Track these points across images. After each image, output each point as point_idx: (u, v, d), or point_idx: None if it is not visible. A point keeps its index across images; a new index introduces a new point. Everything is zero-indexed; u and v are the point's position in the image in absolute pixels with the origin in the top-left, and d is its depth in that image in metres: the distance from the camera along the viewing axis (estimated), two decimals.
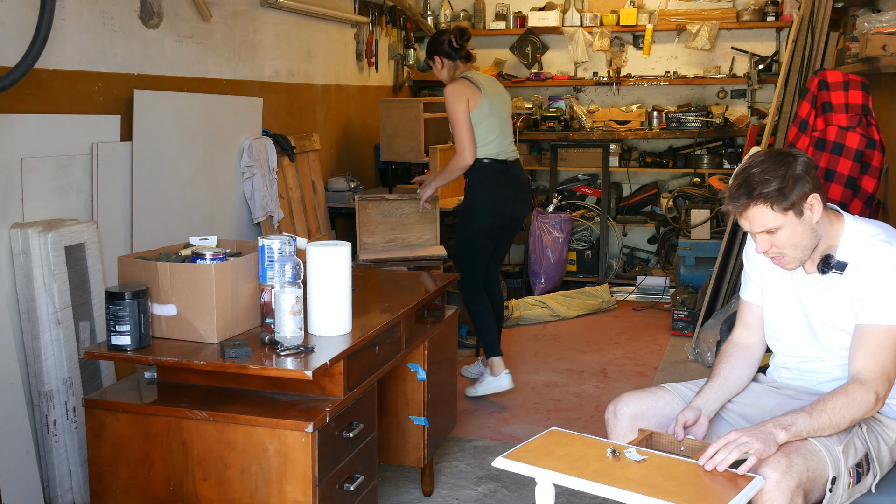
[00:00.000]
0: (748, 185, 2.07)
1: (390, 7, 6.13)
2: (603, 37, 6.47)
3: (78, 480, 2.95)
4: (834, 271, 2.16)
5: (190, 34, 3.88)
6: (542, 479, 1.95)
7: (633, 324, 5.61)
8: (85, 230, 3.05)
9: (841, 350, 2.21)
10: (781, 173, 2.05)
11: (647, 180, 6.72)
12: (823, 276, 2.19)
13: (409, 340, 2.84)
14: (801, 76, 4.62)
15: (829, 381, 2.25)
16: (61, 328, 2.89)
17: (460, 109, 4.03)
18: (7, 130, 2.85)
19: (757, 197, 2.05)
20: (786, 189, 2.04)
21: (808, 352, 2.28)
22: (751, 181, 2.06)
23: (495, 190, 4.10)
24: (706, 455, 1.94)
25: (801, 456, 1.95)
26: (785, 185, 2.04)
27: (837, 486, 2.00)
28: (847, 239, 2.17)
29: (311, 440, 2.15)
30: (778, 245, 2.11)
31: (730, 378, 2.33)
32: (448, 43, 4.18)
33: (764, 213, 2.06)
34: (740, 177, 2.10)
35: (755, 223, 2.09)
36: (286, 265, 2.32)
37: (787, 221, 2.07)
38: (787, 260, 2.14)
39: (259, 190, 4.24)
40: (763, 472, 1.92)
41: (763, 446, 1.93)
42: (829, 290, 2.19)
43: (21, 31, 2.87)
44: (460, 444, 3.67)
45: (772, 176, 2.05)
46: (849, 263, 2.15)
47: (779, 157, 2.10)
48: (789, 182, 2.04)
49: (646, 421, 2.26)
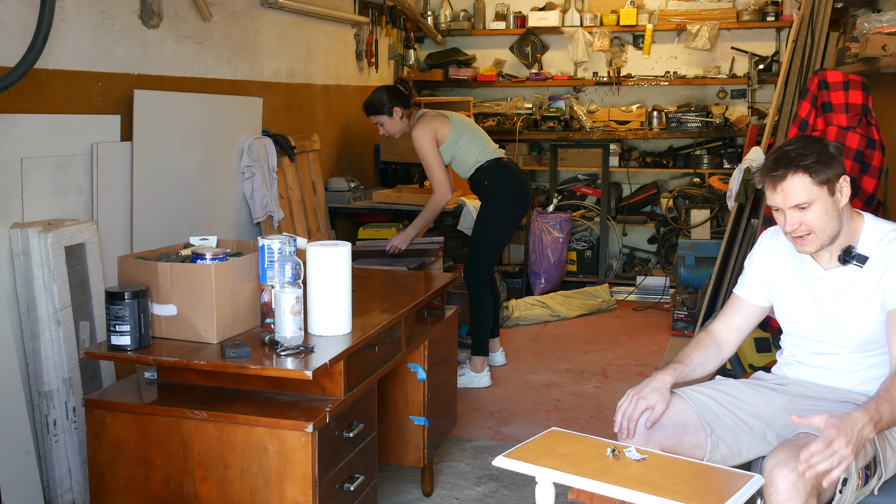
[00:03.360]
0: (787, 158, 2.12)
1: (390, 7, 6.13)
2: (603, 37, 6.47)
3: (78, 480, 2.95)
4: (855, 263, 2.19)
5: (190, 34, 3.88)
6: (542, 478, 1.95)
7: (633, 324, 5.61)
8: (85, 230, 3.05)
9: (856, 344, 2.23)
10: (818, 149, 2.12)
11: (647, 180, 6.72)
12: (844, 267, 2.21)
13: (409, 340, 2.84)
14: (801, 76, 4.62)
15: (841, 374, 2.27)
16: (61, 328, 2.89)
17: (430, 151, 4.19)
18: (7, 130, 2.85)
19: (797, 167, 2.10)
20: (824, 162, 2.11)
21: (823, 347, 2.30)
22: (789, 154, 2.12)
23: (514, 180, 4.27)
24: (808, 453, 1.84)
25: None
26: (823, 159, 2.11)
27: (847, 487, 2.01)
28: (867, 235, 2.22)
29: (311, 440, 2.15)
30: (807, 223, 2.14)
31: (697, 371, 2.37)
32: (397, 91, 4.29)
33: (801, 185, 2.11)
34: (774, 153, 2.16)
35: (791, 196, 2.12)
36: (286, 265, 2.32)
37: (820, 196, 2.12)
38: (811, 240, 2.17)
39: (259, 190, 4.24)
40: (780, 472, 1.92)
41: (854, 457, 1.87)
42: (849, 285, 2.21)
43: (21, 31, 2.87)
44: (460, 444, 3.67)
45: (809, 151, 2.11)
46: (869, 258, 2.18)
47: (812, 138, 2.18)
48: (825, 157, 2.11)
49: (661, 431, 2.23)
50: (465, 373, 4.32)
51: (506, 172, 4.28)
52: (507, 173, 4.28)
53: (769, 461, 1.98)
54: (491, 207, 4.28)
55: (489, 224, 4.28)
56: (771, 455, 2.00)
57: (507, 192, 4.25)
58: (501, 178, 4.25)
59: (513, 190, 4.26)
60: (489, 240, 4.29)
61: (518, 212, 4.31)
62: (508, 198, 4.25)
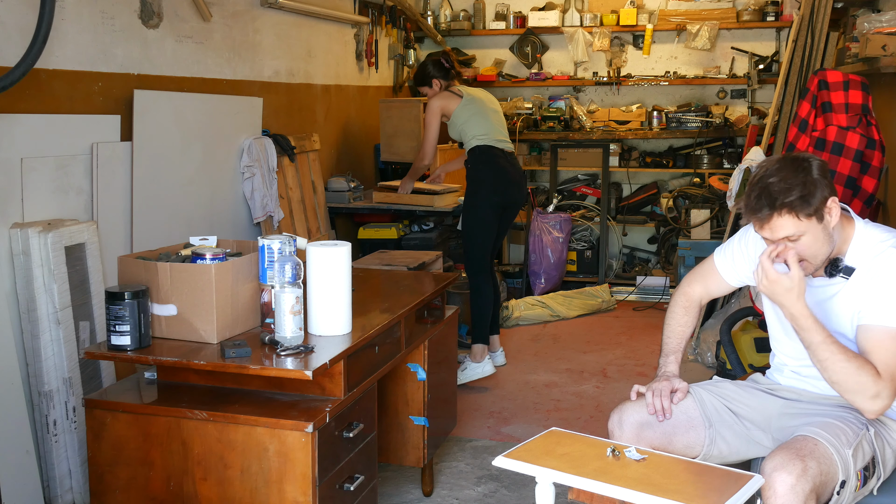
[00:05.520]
0: (769, 196, 2.03)
1: (390, 7, 6.13)
2: (603, 37, 6.47)
3: (78, 480, 2.95)
4: (841, 275, 2.15)
5: (190, 34, 3.88)
6: (542, 478, 1.95)
7: (633, 324, 5.61)
8: (85, 230, 3.05)
9: None
10: (801, 180, 2.03)
11: (647, 180, 6.72)
12: (830, 279, 2.17)
13: (409, 340, 2.84)
14: (801, 76, 4.62)
15: None
16: (61, 328, 2.89)
17: (430, 122, 4.49)
18: (7, 130, 2.85)
19: (780, 206, 2.02)
20: (808, 196, 2.02)
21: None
22: (771, 191, 2.03)
23: (495, 168, 4.38)
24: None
25: (815, 460, 1.95)
26: (807, 192, 2.02)
27: (846, 489, 2.00)
28: (857, 244, 2.16)
29: (311, 440, 2.15)
30: (800, 251, 2.07)
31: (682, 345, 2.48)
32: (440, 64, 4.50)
33: (788, 222, 2.03)
34: (757, 187, 2.06)
35: (778, 232, 2.06)
36: (286, 265, 2.32)
37: (809, 227, 2.05)
38: (806, 266, 2.10)
39: (259, 190, 4.24)
40: (779, 475, 1.92)
41: None
42: (834, 295, 2.18)
43: (21, 31, 2.87)
44: (460, 444, 3.67)
45: (791, 183, 2.02)
46: (856, 269, 2.13)
47: (794, 163, 2.07)
48: (810, 188, 2.02)
49: (651, 430, 2.24)
50: (465, 366, 4.34)
51: (487, 158, 4.37)
52: (489, 159, 4.37)
53: (767, 464, 1.98)
54: (470, 190, 4.43)
55: (468, 206, 4.42)
56: (769, 458, 2.00)
57: (486, 178, 4.35)
58: (482, 164, 4.37)
59: (491, 177, 4.35)
60: (471, 222, 4.40)
61: (495, 198, 4.36)
62: (486, 184, 4.35)
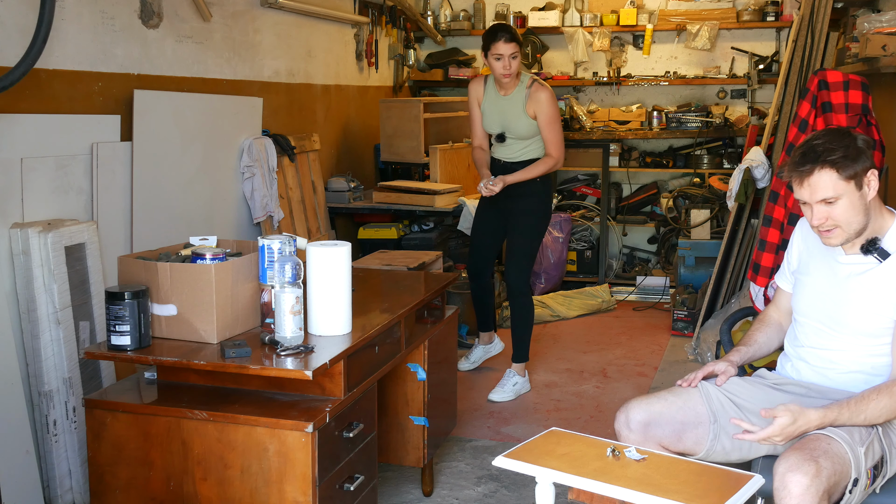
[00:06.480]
0: (813, 153, 2.12)
1: (390, 7, 6.13)
2: (603, 37, 6.47)
3: (78, 480, 2.95)
4: (875, 256, 2.20)
5: (190, 34, 3.88)
6: (542, 478, 1.95)
7: (633, 324, 5.61)
8: (85, 230, 3.05)
9: (864, 338, 2.23)
10: (846, 143, 2.12)
11: (647, 180, 6.72)
12: (864, 257, 2.22)
13: (409, 340, 2.84)
14: (801, 76, 4.62)
15: (843, 372, 2.27)
16: (61, 328, 2.89)
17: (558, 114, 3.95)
18: (7, 130, 2.85)
19: (823, 162, 2.10)
20: (851, 157, 2.10)
21: (828, 342, 2.30)
22: (816, 149, 2.12)
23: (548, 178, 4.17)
24: (763, 434, 2.04)
25: (829, 460, 1.96)
26: (850, 154, 2.10)
27: (857, 487, 2.01)
28: (894, 233, 2.22)
29: (311, 440, 2.15)
30: (834, 217, 2.15)
31: (762, 349, 2.50)
32: None
33: (828, 180, 2.11)
34: (801, 147, 2.15)
35: (817, 191, 2.13)
36: (286, 265, 2.32)
37: (847, 191, 2.12)
38: (836, 234, 2.18)
39: (259, 190, 4.24)
40: (793, 476, 1.92)
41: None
42: (863, 273, 2.22)
43: (21, 31, 2.87)
44: (460, 444, 3.67)
45: (836, 145, 2.11)
46: (892, 255, 2.19)
47: (840, 131, 2.18)
48: (853, 152, 2.11)
49: (660, 429, 2.24)
50: (516, 381, 4.18)
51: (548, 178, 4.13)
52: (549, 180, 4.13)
53: (780, 465, 1.97)
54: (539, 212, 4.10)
55: (539, 221, 4.09)
56: (782, 458, 1.99)
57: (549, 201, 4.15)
58: (550, 189, 4.16)
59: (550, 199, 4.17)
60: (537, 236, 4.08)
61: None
62: (549, 206, 4.15)
